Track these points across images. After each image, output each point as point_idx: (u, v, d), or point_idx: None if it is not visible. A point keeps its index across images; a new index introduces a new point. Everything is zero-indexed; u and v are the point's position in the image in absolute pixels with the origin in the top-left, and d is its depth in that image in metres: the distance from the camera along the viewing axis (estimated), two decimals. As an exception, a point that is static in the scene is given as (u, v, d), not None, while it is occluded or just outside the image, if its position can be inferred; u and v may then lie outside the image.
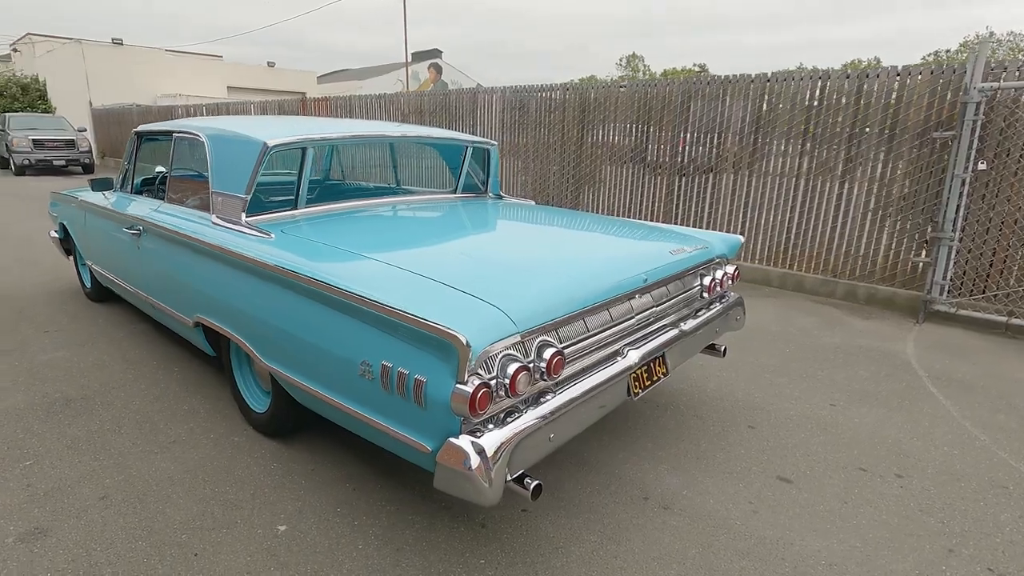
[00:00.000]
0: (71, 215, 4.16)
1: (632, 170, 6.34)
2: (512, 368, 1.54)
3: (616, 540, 1.97)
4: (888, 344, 3.98)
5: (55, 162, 14.65)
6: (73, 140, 15.03)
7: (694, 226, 5.93)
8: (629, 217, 6.42)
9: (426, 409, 1.54)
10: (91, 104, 19.31)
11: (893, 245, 4.79)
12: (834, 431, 2.75)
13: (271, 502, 2.13)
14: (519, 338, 1.60)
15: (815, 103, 5.01)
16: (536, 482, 1.63)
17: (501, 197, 3.62)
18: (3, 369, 3.23)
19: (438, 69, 37.52)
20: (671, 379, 3.27)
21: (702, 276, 2.58)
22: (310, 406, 2.08)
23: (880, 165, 4.78)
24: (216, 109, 12.88)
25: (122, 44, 21.61)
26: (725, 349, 2.78)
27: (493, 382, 1.54)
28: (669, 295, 2.34)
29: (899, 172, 4.69)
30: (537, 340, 1.69)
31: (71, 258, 4.66)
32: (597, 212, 6.69)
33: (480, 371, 1.51)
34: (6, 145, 14.92)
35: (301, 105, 10.38)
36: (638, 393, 2.10)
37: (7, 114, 16.20)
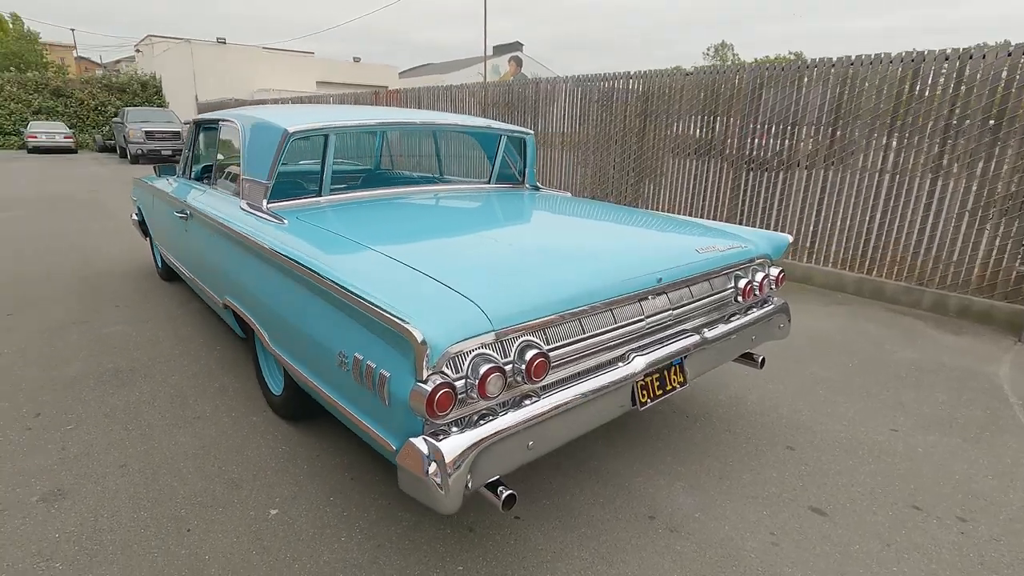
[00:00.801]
0: (145, 199, 4.48)
1: (696, 164, 5.97)
2: (484, 369, 1.44)
3: (609, 561, 1.82)
4: (978, 364, 3.48)
5: (163, 152, 16.06)
6: (179, 132, 16.40)
7: (760, 225, 5.50)
8: (690, 215, 6.07)
9: (390, 406, 1.47)
10: (197, 98, 21.05)
11: (994, 251, 4.18)
12: (890, 460, 2.42)
13: (270, 484, 2.15)
14: (494, 337, 1.49)
15: (906, 89, 4.46)
16: (509, 492, 1.52)
17: (538, 188, 3.49)
18: (74, 338, 3.52)
19: (518, 62, 37.57)
20: (705, 388, 3.02)
21: (737, 278, 2.33)
22: (308, 392, 2.08)
23: (982, 159, 4.18)
24: (298, 101, 13.56)
25: (225, 43, 23.29)
26: (763, 360, 2.51)
27: (461, 382, 1.44)
28: (692, 298, 2.13)
29: (1005, 167, 4.08)
30: (520, 340, 1.57)
31: (148, 239, 5.04)
32: (657, 208, 6.38)
33: (446, 370, 1.42)
34: (124, 136, 16.56)
35: (375, 98, 10.69)
36: (646, 403, 1.92)
37: (126, 108, 17.97)
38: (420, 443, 1.40)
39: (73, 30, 71.16)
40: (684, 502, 2.11)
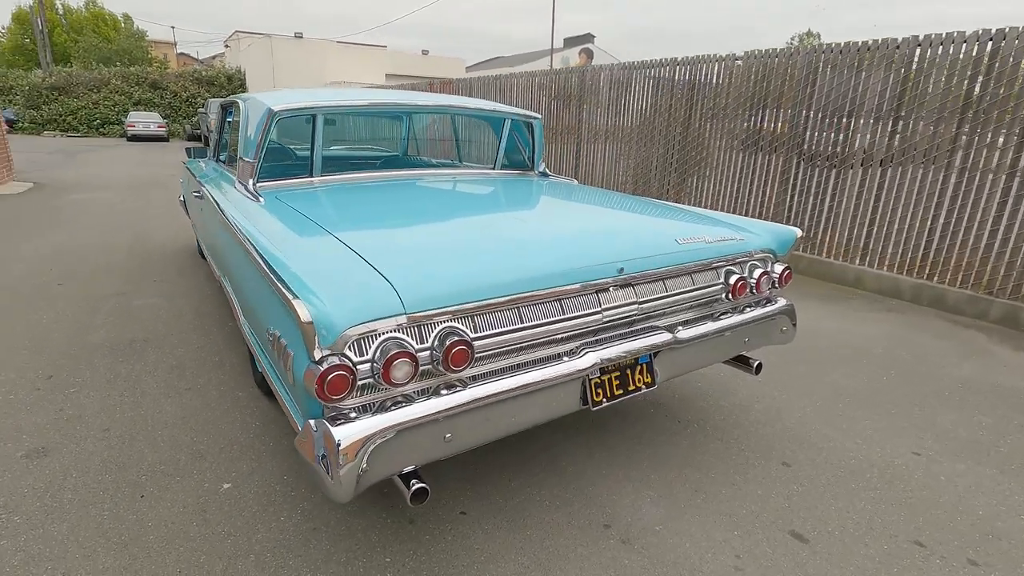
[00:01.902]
0: (185, 181, 4.72)
1: (743, 156, 5.59)
2: (390, 353, 1.36)
3: (547, 568, 1.70)
4: (1042, 387, 3.03)
5: (239, 140, 17.03)
6: (254, 122, 17.35)
7: (809, 222, 5.08)
8: (733, 210, 5.70)
9: (294, 386, 1.42)
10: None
11: (1080, 259, 3.63)
12: (902, 487, 2.13)
13: (232, 459, 2.18)
14: (406, 320, 1.41)
15: (980, 72, 3.94)
16: (420, 486, 1.44)
17: (547, 175, 3.35)
18: (107, 308, 3.76)
19: (589, 54, 36.93)
20: (704, 392, 2.79)
21: (728, 274, 2.12)
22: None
23: (1071, 152, 3.63)
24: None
25: (302, 37, 24.36)
26: (759, 365, 2.28)
27: (366, 366, 1.37)
28: (666, 292, 1.95)
29: (1098, 162, 3.52)
30: (442, 326, 1.48)
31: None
32: (700, 203, 6.04)
33: (349, 352, 1.35)
34: (206, 125, 17.73)
35: (429, 88, 10.80)
36: (600, 402, 1.78)
37: (209, 99, 19.21)
38: (313, 427, 1.34)
39: (173, 28, 76.79)
40: (647, 512, 1.95)
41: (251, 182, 2.49)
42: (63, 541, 1.74)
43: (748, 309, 2.21)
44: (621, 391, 1.84)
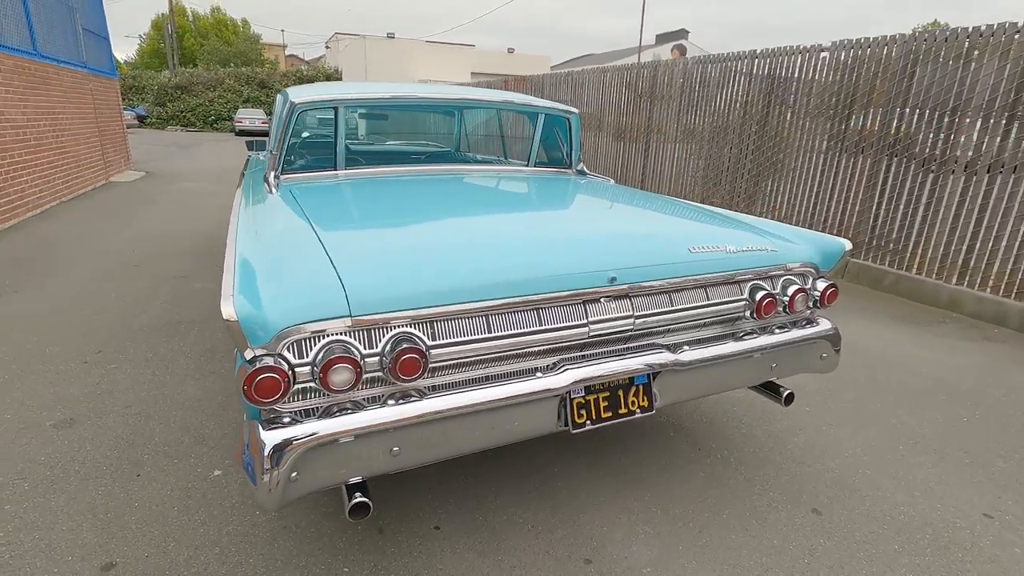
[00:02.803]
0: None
1: (825, 158, 5.06)
2: (329, 357, 1.28)
3: (509, 600, 1.56)
4: None
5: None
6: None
7: (899, 234, 4.50)
8: (812, 216, 5.18)
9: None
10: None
11: None
12: (960, 556, 1.77)
13: (230, 447, 2.20)
14: (351, 323, 1.32)
15: None
16: (359, 501, 1.35)
17: (584, 173, 3.17)
18: (166, 290, 4.01)
19: (682, 51, 35.69)
20: (736, 418, 2.51)
21: (755, 289, 1.86)
22: None
23: None
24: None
25: (393, 37, 25.29)
26: (790, 395, 1.99)
27: (306, 369, 1.29)
28: (672, 307, 1.73)
29: None
30: (396, 331, 1.38)
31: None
32: (774, 210, 5.54)
33: (287, 353, 1.28)
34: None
35: (504, 85, 10.78)
36: (583, 425, 1.61)
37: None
38: (247, 430, 1.29)
39: (283, 31, 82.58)
40: (637, 552, 1.75)
41: (272, 174, 2.52)
42: (56, 513, 1.82)
43: (780, 330, 1.94)
44: (610, 414, 1.65)
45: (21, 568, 1.59)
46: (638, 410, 1.70)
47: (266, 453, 1.23)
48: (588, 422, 1.62)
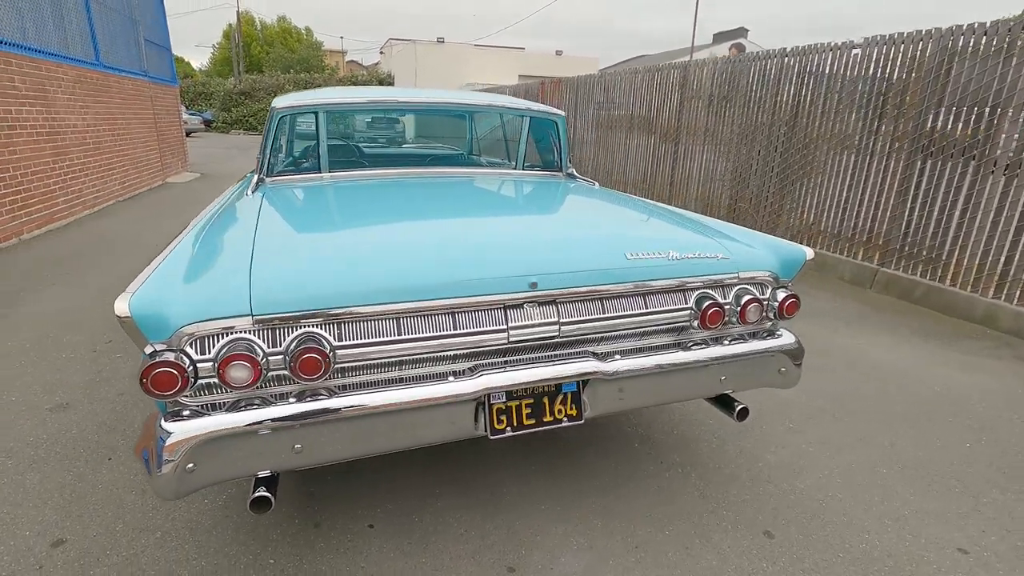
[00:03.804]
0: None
1: (855, 159, 4.78)
2: (227, 355, 1.32)
3: (420, 603, 1.56)
4: None
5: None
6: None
7: (932, 241, 4.19)
8: (841, 223, 4.90)
9: (151, 378, 1.44)
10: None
11: None
12: (918, 592, 1.64)
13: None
14: (251, 321, 1.36)
15: None
16: (259, 495, 1.39)
17: (573, 176, 3.12)
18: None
19: (740, 49, 34.59)
20: (710, 433, 2.40)
21: (702, 299, 1.78)
22: None
23: None
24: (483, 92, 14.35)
25: (443, 42, 25.72)
26: (743, 411, 1.89)
27: (208, 365, 1.34)
28: (603, 314, 1.68)
29: None
30: (301, 331, 1.41)
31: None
32: (801, 213, 5.28)
33: (189, 348, 1.33)
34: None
35: (540, 87, 10.77)
36: (502, 431, 1.59)
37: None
38: (151, 421, 1.35)
39: (342, 38, 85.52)
40: (565, 563, 1.71)
41: (256, 177, 2.63)
42: (28, 490, 1.96)
43: (734, 342, 1.85)
44: (533, 421, 1.63)
45: (-17, 539, 1.73)
46: (565, 419, 1.66)
47: (162, 444, 1.28)
48: (509, 428, 1.60)
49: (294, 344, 1.39)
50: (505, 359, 1.62)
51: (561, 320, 1.63)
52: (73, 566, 1.64)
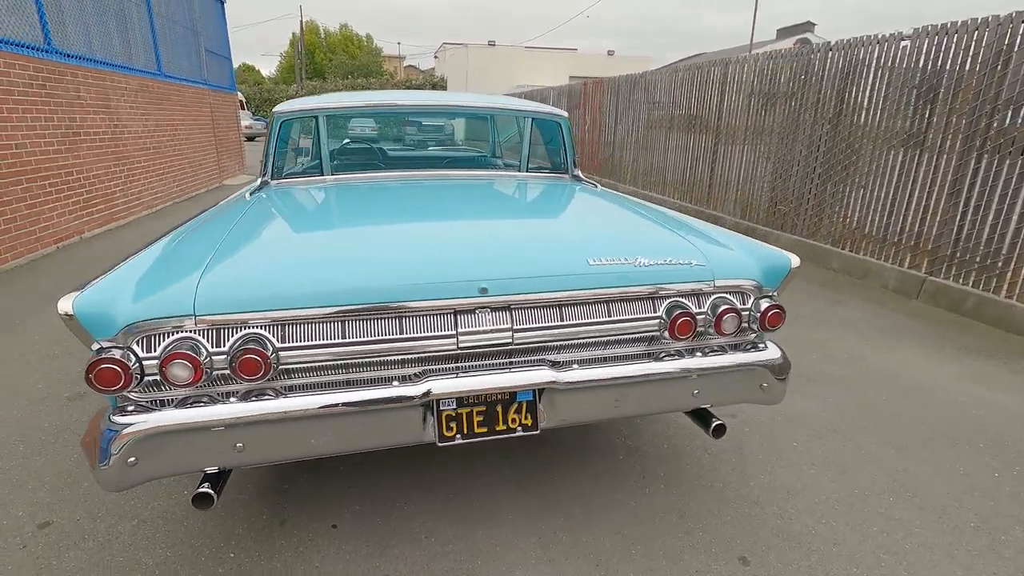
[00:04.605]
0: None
1: (903, 158, 4.44)
2: (169, 352, 1.36)
3: (364, 607, 1.55)
4: None
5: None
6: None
7: (986, 248, 3.83)
8: (886, 227, 4.57)
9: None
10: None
11: None
12: (902, 636, 1.48)
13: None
14: (193, 321, 1.39)
15: None
16: (201, 491, 1.42)
17: (578, 178, 3.05)
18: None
19: (806, 44, 33.07)
20: (706, 444, 2.28)
21: (672, 307, 1.69)
22: None
23: None
24: (529, 93, 14.33)
25: (494, 45, 25.91)
26: (719, 427, 1.78)
27: (153, 363, 1.38)
28: (561, 322, 1.62)
29: None
30: (244, 332, 1.43)
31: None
32: (845, 216, 4.96)
33: (136, 346, 1.38)
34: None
35: (583, 88, 10.65)
36: (451, 439, 1.56)
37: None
38: (99, 415, 1.40)
39: (399, 43, 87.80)
40: (519, 577, 1.66)
41: (259, 180, 2.71)
42: (31, 473, 2.09)
43: (713, 354, 1.74)
44: (485, 429, 1.59)
45: (-19, 517, 1.86)
46: (520, 428, 1.61)
47: (105, 438, 1.33)
48: (458, 436, 1.57)
49: (237, 345, 1.41)
50: (457, 365, 1.59)
51: (515, 327, 1.58)
52: (53, 547, 1.74)
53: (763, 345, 1.80)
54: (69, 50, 5.83)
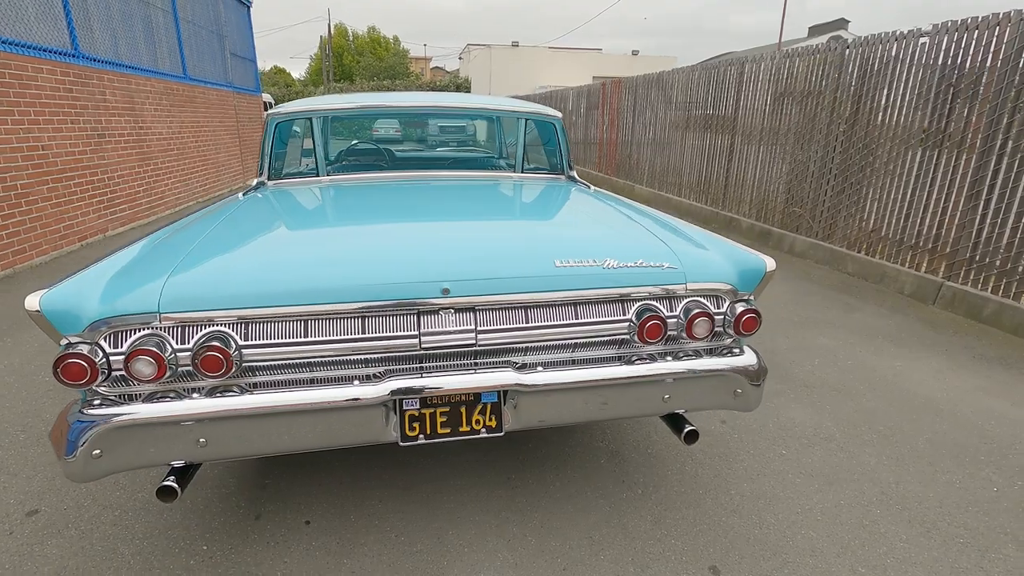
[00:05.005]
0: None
1: (921, 158, 4.28)
2: (134, 348, 1.39)
3: (326, 604, 1.57)
4: None
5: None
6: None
7: (1007, 251, 3.67)
8: (902, 231, 4.42)
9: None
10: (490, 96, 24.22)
11: None
12: (870, 654, 1.43)
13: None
14: (158, 319, 1.42)
15: None
16: (165, 484, 1.46)
17: (574, 180, 3.03)
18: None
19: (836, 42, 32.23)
20: (691, 451, 2.24)
21: (642, 311, 1.66)
22: None
23: None
24: (549, 94, 14.30)
25: (517, 46, 25.92)
26: (691, 433, 1.74)
27: (119, 358, 1.42)
28: (526, 324, 1.61)
29: None
30: (209, 329, 1.46)
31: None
32: (864, 220, 4.81)
33: (103, 342, 1.42)
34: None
35: (601, 88, 10.58)
36: (413, 439, 1.57)
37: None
38: (67, 408, 1.44)
39: (425, 45, 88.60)
40: (483, 579, 1.66)
41: (255, 180, 2.77)
42: (26, 461, 2.17)
43: (687, 358, 1.71)
44: (448, 430, 1.59)
45: (-25, 503, 1.94)
46: (483, 430, 1.61)
47: (71, 431, 1.37)
48: (421, 436, 1.58)
49: (200, 342, 1.44)
50: (421, 366, 1.60)
51: (479, 328, 1.58)
52: (38, 534, 1.80)
53: (739, 350, 1.76)
54: (96, 55, 6.04)
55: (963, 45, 3.91)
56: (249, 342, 1.48)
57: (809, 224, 5.43)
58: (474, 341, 1.58)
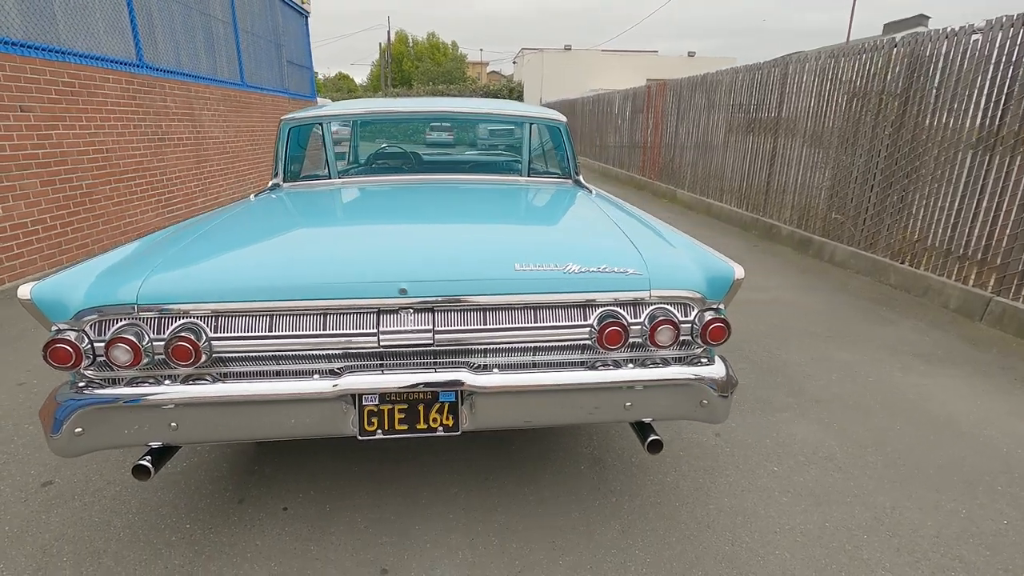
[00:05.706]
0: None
1: (970, 165, 3.99)
2: (111, 336, 1.51)
3: (286, 587, 1.64)
4: None
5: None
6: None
7: (1061, 266, 3.37)
8: (950, 241, 4.12)
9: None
10: (541, 100, 24.17)
11: None
12: None
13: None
14: (135, 310, 1.54)
15: None
16: (140, 463, 1.57)
17: (579, 184, 3.02)
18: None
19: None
20: (671, 465, 2.19)
21: (604, 316, 1.65)
22: None
23: None
24: (596, 97, 14.17)
25: (570, 49, 25.84)
26: (654, 443, 1.71)
27: (102, 344, 1.54)
28: (484, 326, 1.63)
29: None
30: (182, 321, 1.57)
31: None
32: (908, 229, 4.52)
33: (89, 330, 1.55)
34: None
35: (647, 90, 10.41)
36: (372, 434, 1.62)
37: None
38: (55, 390, 1.58)
39: (481, 50, 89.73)
40: (440, 574, 1.68)
41: (271, 182, 2.92)
42: (39, 446, 2.37)
43: (653, 365, 1.69)
44: (406, 427, 1.64)
45: None
46: (440, 428, 1.64)
47: (57, 410, 1.51)
48: (379, 431, 1.63)
49: (173, 332, 1.55)
50: (382, 363, 1.65)
51: (436, 329, 1.62)
52: (47, 504, 1.97)
53: (707, 360, 1.71)
54: (158, 64, 6.51)
55: (1018, 42, 3.62)
56: (219, 334, 1.57)
57: (851, 232, 5.15)
58: (431, 341, 1.62)
